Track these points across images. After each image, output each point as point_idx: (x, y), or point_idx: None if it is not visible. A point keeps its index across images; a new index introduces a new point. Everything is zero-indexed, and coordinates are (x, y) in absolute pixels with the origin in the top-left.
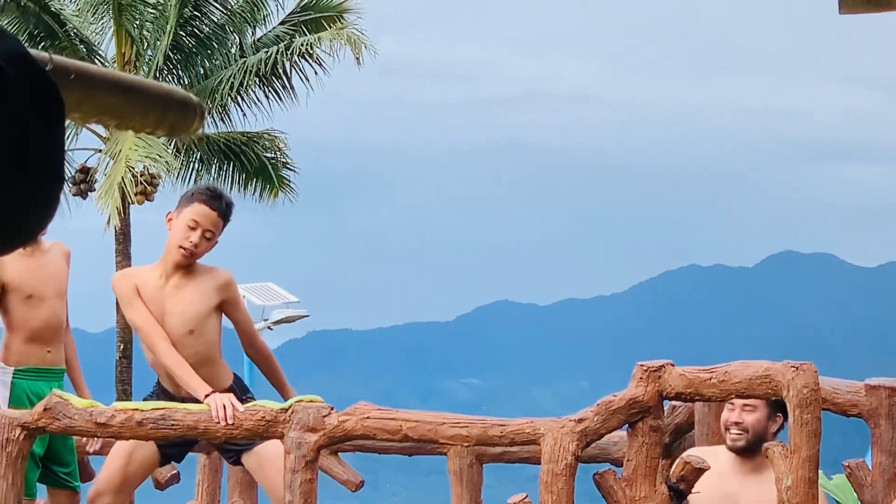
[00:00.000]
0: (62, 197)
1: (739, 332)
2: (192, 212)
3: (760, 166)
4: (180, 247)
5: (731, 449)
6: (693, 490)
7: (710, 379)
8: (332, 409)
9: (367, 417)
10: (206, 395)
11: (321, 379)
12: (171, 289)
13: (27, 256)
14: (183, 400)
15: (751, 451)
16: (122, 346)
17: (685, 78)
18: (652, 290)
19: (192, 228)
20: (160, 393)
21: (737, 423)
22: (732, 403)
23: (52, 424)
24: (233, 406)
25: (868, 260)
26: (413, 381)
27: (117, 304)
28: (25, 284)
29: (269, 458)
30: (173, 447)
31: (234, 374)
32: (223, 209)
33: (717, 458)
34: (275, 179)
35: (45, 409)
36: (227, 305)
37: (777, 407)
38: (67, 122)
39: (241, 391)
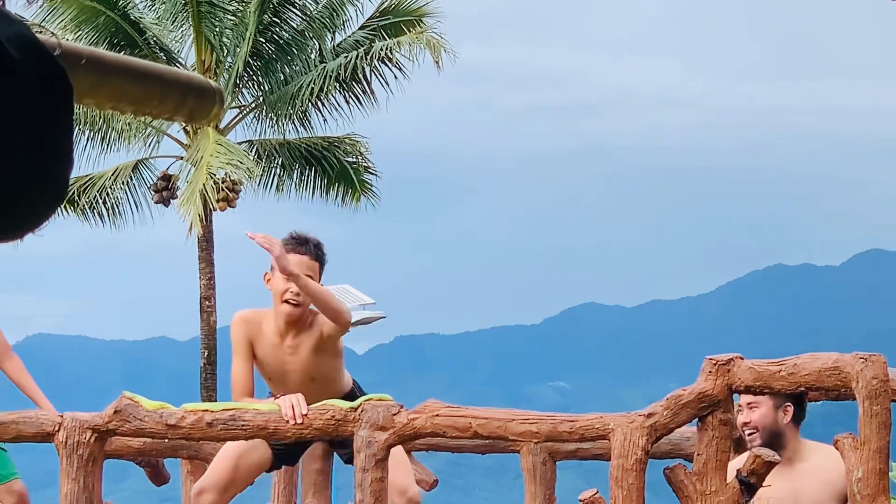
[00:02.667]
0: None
1: (826, 331)
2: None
3: (846, 166)
4: (284, 301)
5: (750, 448)
6: (764, 484)
7: (780, 371)
8: (401, 406)
9: (437, 415)
10: (277, 396)
11: (409, 384)
12: (287, 348)
13: None
14: None
15: (772, 446)
16: (206, 353)
17: (770, 80)
18: (738, 290)
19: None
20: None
21: (746, 424)
22: (740, 406)
23: (122, 427)
24: (300, 405)
25: None
26: (501, 384)
27: (201, 311)
28: None
29: (397, 451)
30: (286, 450)
31: (353, 380)
32: (312, 251)
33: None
34: (356, 184)
35: (115, 412)
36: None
37: (784, 398)
38: (83, 107)
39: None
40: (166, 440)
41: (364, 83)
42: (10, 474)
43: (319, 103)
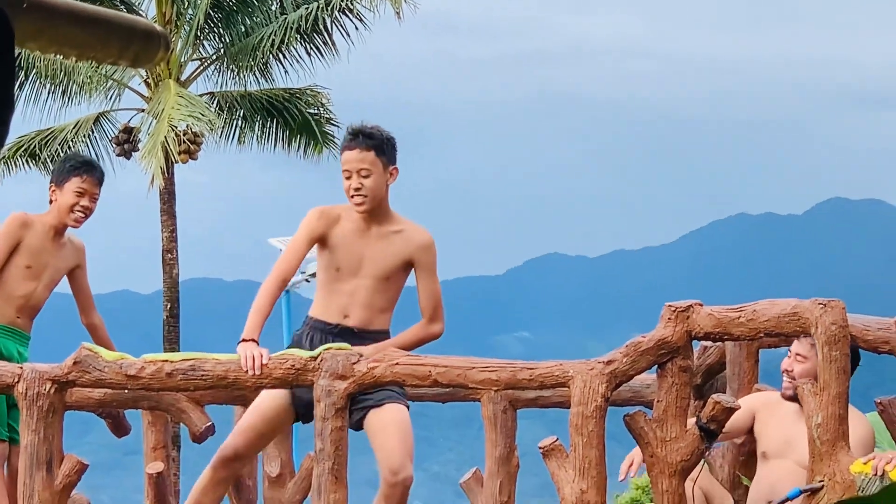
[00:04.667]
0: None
1: (789, 280)
2: (341, 162)
3: (810, 115)
4: (350, 197)
5: (783, 396)
6: (725, 430)
7: (739, 318)
8: (360, 356)
9: (397, 364)
10: (240, 342)
11: None
12: (373, 237)
13: (50, 237)
14: (335, 328)
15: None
16: (169, 306)
17: (734, 30)
18: (701, 239)
19: (348, 178)
20: (312, 325)
21: (787, 371)
22: (790, 350)
23: (82, 378)
24: (261, 356)
25: None
26: (465, 335)
27: (164, 264)
28: (33, 257)
29: (392, 422)
30: (306, 406)
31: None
32: (361, 142)
33: (780, 405)
34: (318, 135)
35: (75, 363)
36: (419, 267)
37: None
38: (24, 52)
39: None
40: (126, 391)
41: (325, 34)
42: None
43: (280, 55)
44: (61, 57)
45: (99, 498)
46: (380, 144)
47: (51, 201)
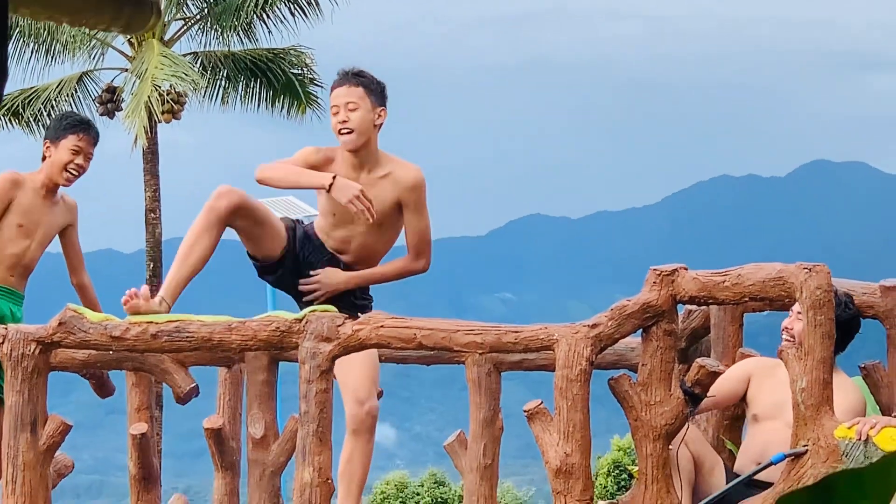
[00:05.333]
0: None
1: (772, 242)
2: (332, 98)
3: (794, 77)
4: (338, 133)
5: (780, 355)
6: (710, 394)
7: (724, 282)
8: (346, 318)
9: (381, 326)
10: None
11: None
12: (364, 179)
13: (41, 195)
14: (327, 255)
15: None
16: (151, 265)
17: None
18: (684, 201)
19: (336, 114)
20: (313, 237)
21: (787, 329)
22: (791, 309)
23: (66, 339)
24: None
25: None
26: (448, 296)
27: (147, 223)
28: (25, 216)
29: (365, 358)
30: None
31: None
32: (349, 78)
33: (775, 369)
34: (302, 95)
35: (59, 324)
36: (407, 206)
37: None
38: (25, 19)
39: (365, 289)
40: (111, 352)
41: None
42: None
43: (264, 15)
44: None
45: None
46: (368, 83)
47: (44, 158)
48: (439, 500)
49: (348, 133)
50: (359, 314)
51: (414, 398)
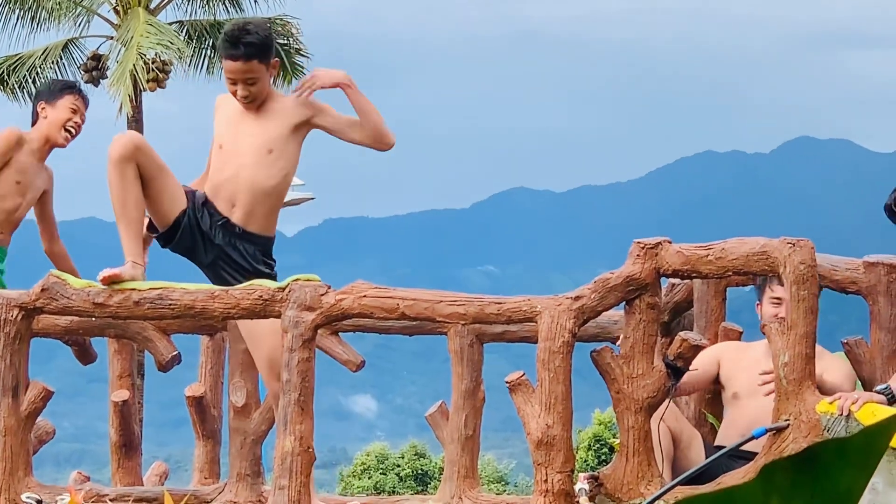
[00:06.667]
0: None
1: (756, 218)
2: (224, 70)
3: (778, 53)
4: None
5: (763, 330)
6: (692, 368)
7: (707, 256)
8: (329, 287)
9: (364, 296)
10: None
11: (338, 267)
12: (252, 115)
13: (37, 156)
14: (220, 220)
15: None
16: None
17: None
18: (668, 176)
19: (233, 84)
20: (204, 203)
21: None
22: (778, 300)
23: (49, 305)
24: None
25: (884, 145)
26: (431, 268)
27: None
28: (22, 174)
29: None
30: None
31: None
32: (242, 54)
33: (746, 349)
34: (287, 66)
35: (42, 290)
36: (321, 116)
37: None
38: None
39: (267, 255)
40: (93, 319)
41: None
42: None
43: None
44: None
45: (62, 424)
46: (261, 49)
47: (35, 121)
48: (420, 471)
49: (251, 101)
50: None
51: (395, 370)
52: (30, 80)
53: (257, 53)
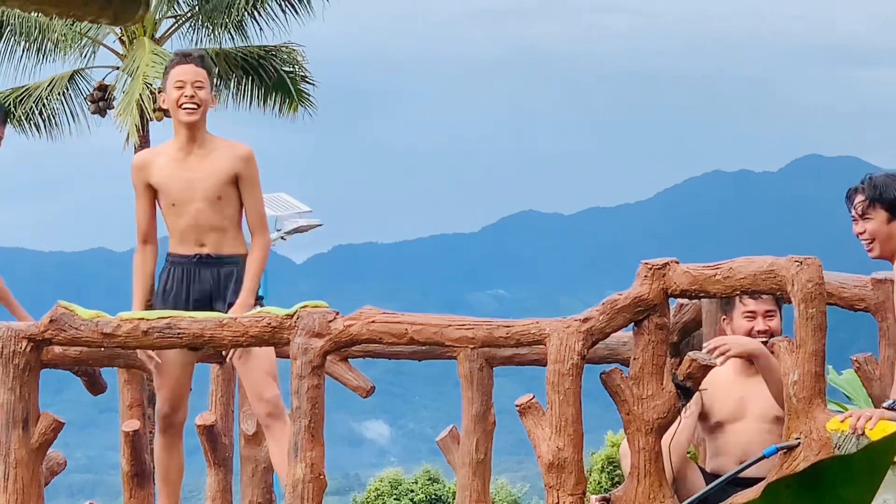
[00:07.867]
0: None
1: (765, 237)
2: (172, 78)
3: (785, 71)
4: (180, 106)
5: (770, 348)
6: (701, 388)
7: (715, 275)
8: (337, 313)
9: (373, 321)
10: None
11: (348, 293)
12: (194, 159)
13: None
14: (193, 258)
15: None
16: None
17: None
18: (677, 196)
19: (181, 88)
20: (172, 261)
21: (763, 332)
22: (752, 314)
23: (58, 336)
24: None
25: (893, 163)
26: (440, 293)
27: None
28: None
29: (258, 355)
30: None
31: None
32: (195, 59)
33: (717, 375)
34: (293, 93)
35: (51, 321)
36: (242, 180)
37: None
38: (7, 16)
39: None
40: (102, 349)
41: None
42: None
43: (255, 12)
44: (39, 14)
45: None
46: (210, 68)
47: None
48: (433, 496)
49: (195, 108)
50: None
51: (407, 395)
52: (36, 112)
53: (206, 66)
